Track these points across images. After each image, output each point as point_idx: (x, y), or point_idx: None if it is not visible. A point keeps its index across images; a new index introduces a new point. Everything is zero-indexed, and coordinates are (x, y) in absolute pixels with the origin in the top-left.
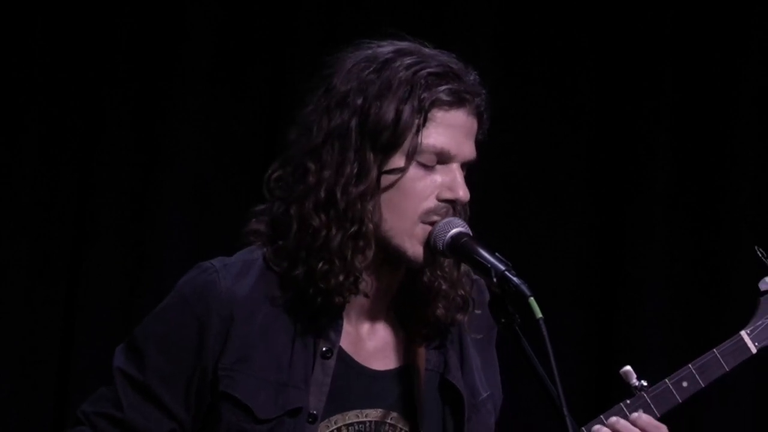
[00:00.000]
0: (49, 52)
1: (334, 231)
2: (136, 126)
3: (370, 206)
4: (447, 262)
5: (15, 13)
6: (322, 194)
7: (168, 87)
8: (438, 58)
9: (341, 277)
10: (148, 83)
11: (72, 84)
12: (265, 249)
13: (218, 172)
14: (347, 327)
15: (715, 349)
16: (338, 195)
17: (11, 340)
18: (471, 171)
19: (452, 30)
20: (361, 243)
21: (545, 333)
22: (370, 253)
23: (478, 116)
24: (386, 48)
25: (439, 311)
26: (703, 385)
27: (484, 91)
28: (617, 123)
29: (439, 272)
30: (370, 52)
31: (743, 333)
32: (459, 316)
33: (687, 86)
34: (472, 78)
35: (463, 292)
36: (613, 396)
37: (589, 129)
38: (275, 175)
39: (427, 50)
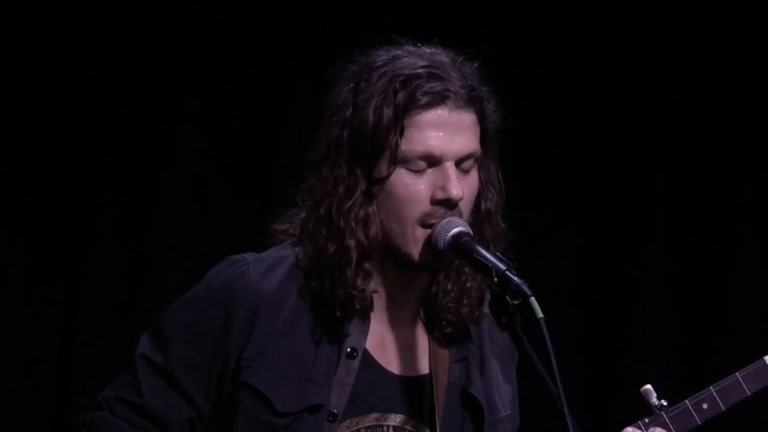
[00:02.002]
0: (49, 52)
1: (330, 247)
2: (136, 126)
3: (353, 221)
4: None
5: (15, 13)
6: (322, 211)
7: (168, 87)
8: (427, 58)
9: (340, 291)
10: (148, 83)
11: (72, 84)
12: (297, 248)
13: (218, 172)
14: (374, 329)
15: (737, 373)
16: (333, 211)
17: (11, 340)
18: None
19: (452, 30)
20: (351, 256)
21: (546, 333)
22: (366, 265)
23: (474, 108)
24: (378, 56)
25: (465, 309)
26: (723, 409)
27: (476, 83)
28: (617, 123)
29: (466, 269)
30: (364, 61)
31: (767, 358)
32: (485, 309)
33: (687, 86)
34: (465, 72)
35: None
36: (613, 396)
37: (589, 129)
38: (305, 185)
39: (421, 52)
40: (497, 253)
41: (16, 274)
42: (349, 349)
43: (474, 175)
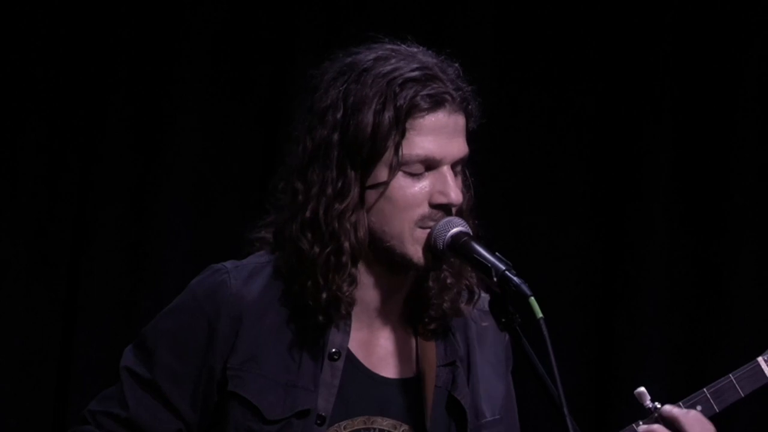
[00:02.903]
0: (50, 52)
1: (317, 250)
2: (136, 126)
3: (348, 224)
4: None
5: (15, 13)
6: (308, 214)
7: (168, 87)
8: (416, 59)
9: (324, 295)
10: (148, 84)
11: (72, 84)
12: (276, 254)
13: (218, 172)
14: (357, 331)
15: (731, 374)
16: (321, 214)
17: (11, 340)
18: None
19: (452, 31)
20: (343, 259)
21: (545, 333)
22: (353, 270)
23: (464, 110)
24: (364, 56)
25: (446, 304)
26: (717, 410)
27: (464, 85)
28: (617, 123)
29: (445, 266)
30: (348, 61)
31: (760, 359)
32: (464, 306)
33: (687, 85)
34: (451, 73)
35: (468, 283)
36: (614, 396)
37: (589, 129)
38: (276, 188)
39: (406, 51)
40: (496, 253)
41: (16, 274)
42: (332, 351)
43: (460, 175)
